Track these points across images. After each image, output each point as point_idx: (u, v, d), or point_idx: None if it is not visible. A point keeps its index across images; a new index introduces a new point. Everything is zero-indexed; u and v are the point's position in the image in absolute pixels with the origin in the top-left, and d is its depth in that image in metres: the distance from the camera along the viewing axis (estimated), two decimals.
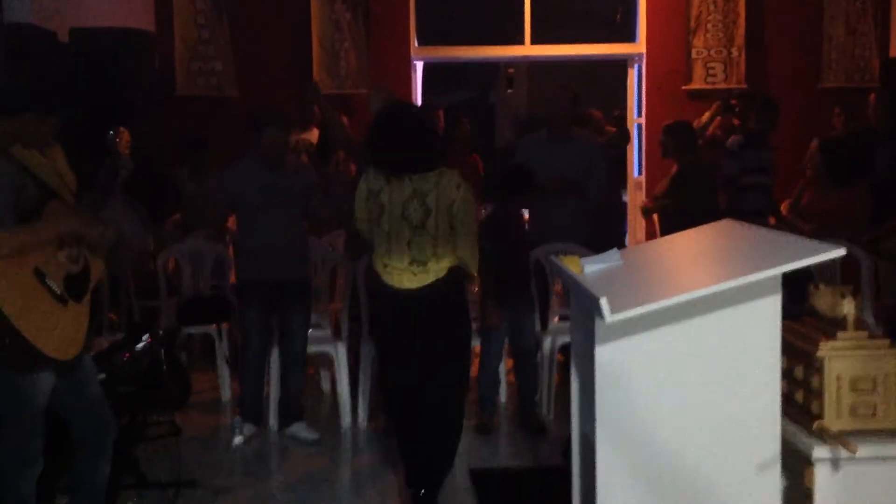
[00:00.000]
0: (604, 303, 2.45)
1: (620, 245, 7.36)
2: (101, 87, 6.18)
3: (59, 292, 3.36)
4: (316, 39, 9.05)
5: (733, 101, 8.28)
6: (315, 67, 9.02)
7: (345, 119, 7.30)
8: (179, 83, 8.96)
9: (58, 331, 3.34)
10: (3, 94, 3.50)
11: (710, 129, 7.78)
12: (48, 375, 3.41)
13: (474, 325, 5.64)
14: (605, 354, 2.69)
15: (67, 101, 3.76)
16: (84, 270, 3.47)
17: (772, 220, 6.64)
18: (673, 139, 6.64)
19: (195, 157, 7.51)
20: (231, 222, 6.65)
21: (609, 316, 2.45)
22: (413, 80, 9.40)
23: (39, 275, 3.31)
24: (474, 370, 5.86)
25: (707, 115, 7.93)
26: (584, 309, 2.88)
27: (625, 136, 8.40)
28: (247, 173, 5.37)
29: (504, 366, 6.00)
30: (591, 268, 3.08)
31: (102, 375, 3.84)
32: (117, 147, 3.63)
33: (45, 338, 3.29)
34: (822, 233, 5.53)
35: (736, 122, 7.85)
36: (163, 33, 8.74)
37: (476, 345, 5.74)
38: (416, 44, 9.44)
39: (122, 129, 3.68)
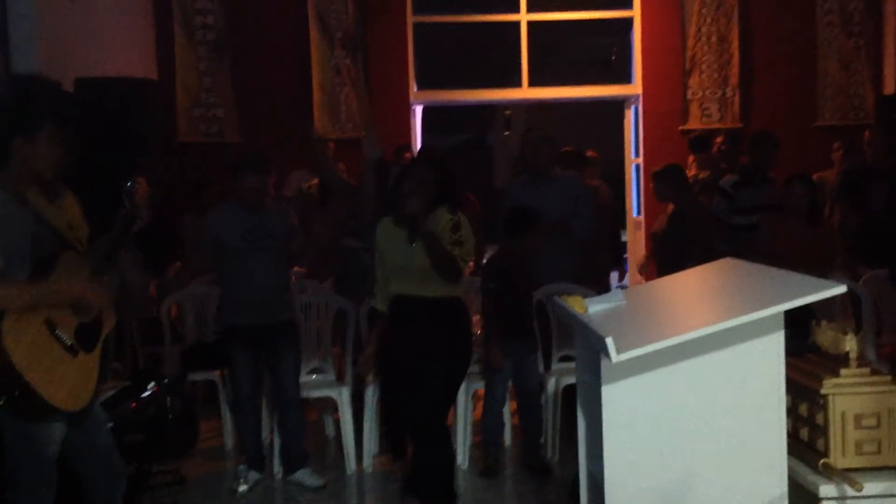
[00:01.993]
0: (610, 342, 2.47)
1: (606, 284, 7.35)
2: (106, 135, 6.24)
3: (69, 343, 3.38)
4: (316, 84, 9.17)
5: (718, 140, 8.35)
6: (316, 112, 9.13)
7: (342, 165, 7.40)
8: (181, 130, 9.05)
9: (67, 381, 3.36)
10: (22, 113, 3.52)
11: (691, 171, 7.79)
12: (59, 425, 3.43)
13: (478, 367, 5.68)
14: (612, 394, 2.71)
15: (73, 150, 3.80)
16: (96, 320, 3.50)
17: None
18: (666, 183, 6.64)
19: (199, 200, 7.55)
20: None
21: (615, 355, 2.47)
22: (412, 123, 9.50)
23: (50, 325, 3.34)
24: (478, 412, 5.87)
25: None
26: (589, 349, 2.90)
27: None
28: (228, 217, 5.43)
29: (508, 408, 6.00)
30: (595, 308, 3.11)
31: (110, 424, 3.85)
32: (135, 198, 3.64)
33: (55, 389, 3.30)
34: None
35: (723, 164, 7.92)
36: (164, 81, 8.83)
37: (480, 387, 5.76)
38: (416, 87, 9.55)
39: (139, 178, 3.67)
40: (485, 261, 6.85)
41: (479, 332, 5.68)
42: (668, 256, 6.55)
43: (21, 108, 3.57)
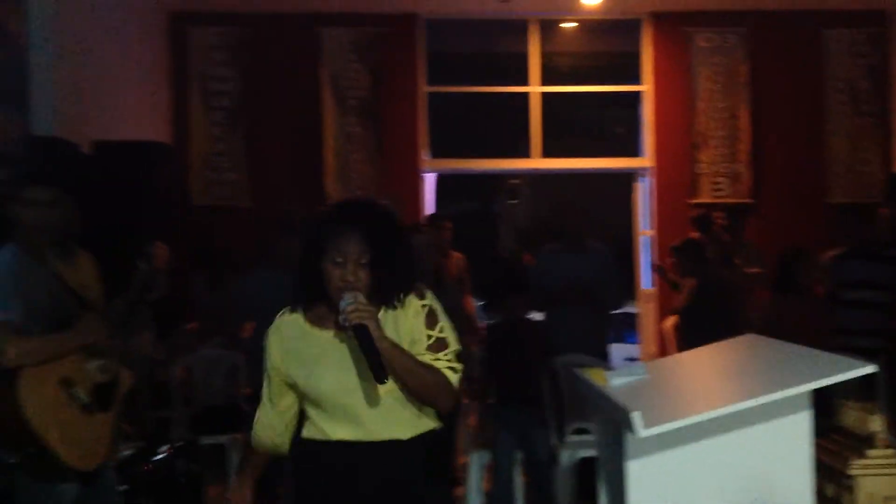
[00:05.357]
0: (636, 417, 2.46)
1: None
2: (122, 198, 6.28)
3: (86, 401, 3.36)
4: (328, 150, 9.22)
5: (717, 215, 8.35)
6: (326, 178, 9.17)
7: None
8: (195, 193, 9.09)
9: (82, 441, 3.34)
10: (37, 174, 3.52)
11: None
12: (71, 486, 3.39)
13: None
14: (637, 470, 2.69)
15: (89, 213, 3.82)
16: (113, 380, 3.49)
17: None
18: (685, 257, 6.68)
19: (213, 266, 7.56)
20: (246, 330, 6.62)
21: (641, 430, 2.46)
22: (423, 190, 9.54)
23: (66, 383, 3.32)
24: (487, 484, 5.80)
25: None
26: (612, 423, 2.88)
27: None
28: (266, 280, 5.45)
29: (519, 478, 5.91)
30: (617, 381, 3.09)
31: (124, 487, 3.81)
32: (153, 260, 3.65)
33: (69, 448, 3.28)
34: None
35: (726, 236, 7.92)
36: (179, 144, 8.91)
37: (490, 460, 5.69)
38: (428, 155, 9.61)
39: (158, 243, 3.67)
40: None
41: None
42: (693, 330, 6.53)
43: (37, 168, 3.59)
